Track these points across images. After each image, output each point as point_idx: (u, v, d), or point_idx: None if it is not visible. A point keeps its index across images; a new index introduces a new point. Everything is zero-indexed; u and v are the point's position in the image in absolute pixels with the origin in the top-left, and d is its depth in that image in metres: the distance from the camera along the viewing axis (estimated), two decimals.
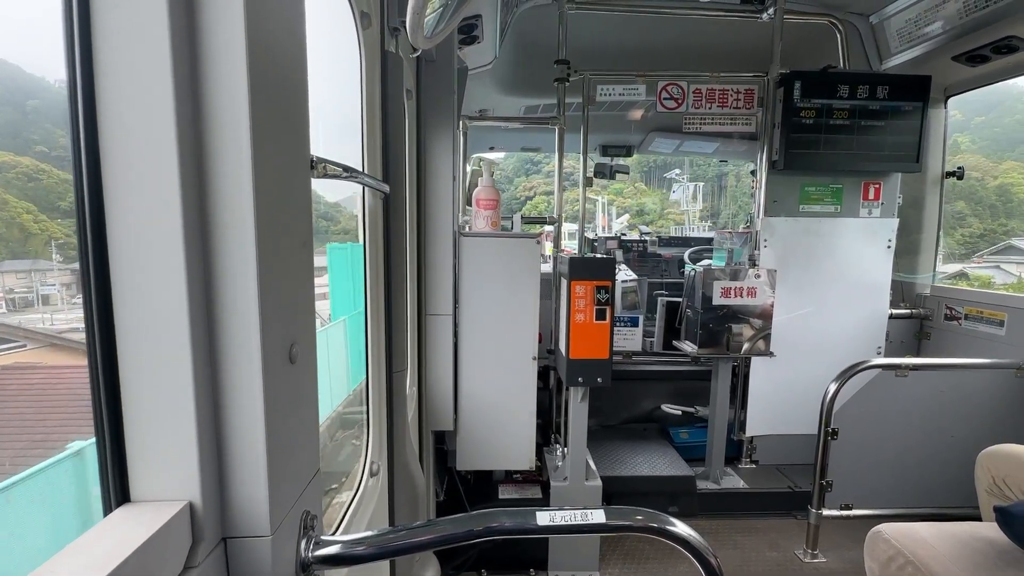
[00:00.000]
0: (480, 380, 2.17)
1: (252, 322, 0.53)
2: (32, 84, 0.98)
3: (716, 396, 2.77)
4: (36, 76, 0.91)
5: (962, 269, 17.83)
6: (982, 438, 1.92)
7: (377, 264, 1.35)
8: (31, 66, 0.87)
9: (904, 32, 2.66)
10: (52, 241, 1.35)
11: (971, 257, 22.03)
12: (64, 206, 1.16)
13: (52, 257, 1.47)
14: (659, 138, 3.59)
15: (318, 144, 0.75)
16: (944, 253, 3.05)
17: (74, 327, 1.55)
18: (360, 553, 0.64)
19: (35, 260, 1.59)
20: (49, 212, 1.26)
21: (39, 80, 0.90)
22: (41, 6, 0.49)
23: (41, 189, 1.20)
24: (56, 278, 1.57)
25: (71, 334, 1.34)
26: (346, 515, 1.16)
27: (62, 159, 0.84)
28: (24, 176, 1.19)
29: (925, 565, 1.44)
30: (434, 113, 1.95)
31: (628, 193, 30.56)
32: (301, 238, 0.65)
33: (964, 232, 24.29)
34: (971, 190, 25.28)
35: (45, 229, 1.30)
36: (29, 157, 1.08)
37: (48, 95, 0.87)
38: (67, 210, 1.11)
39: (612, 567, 2.30)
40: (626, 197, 30.50)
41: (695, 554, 0.66)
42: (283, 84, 0.59)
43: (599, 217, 15.23)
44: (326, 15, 1.22)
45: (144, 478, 0.52)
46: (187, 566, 0.52)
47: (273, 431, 0.56)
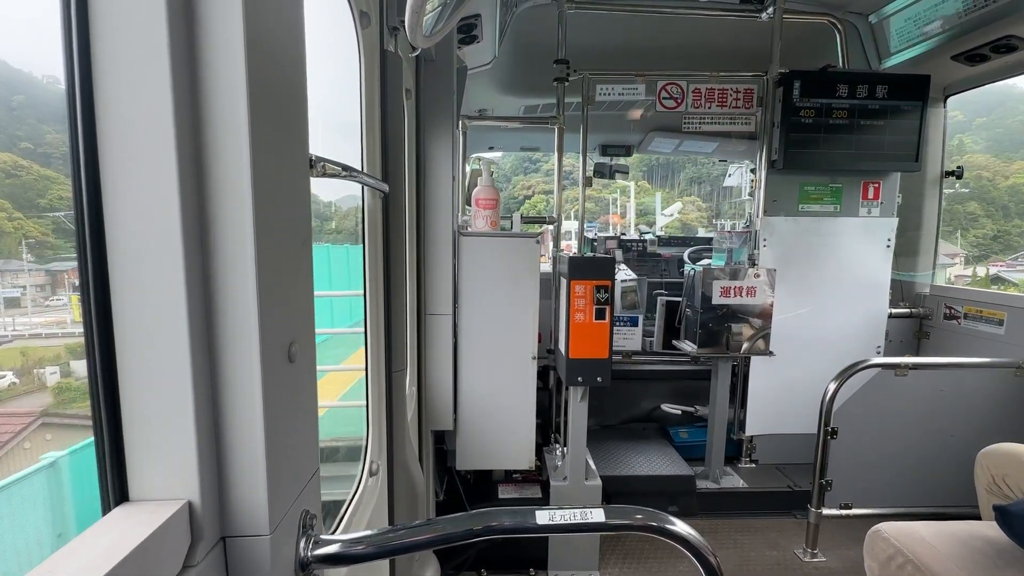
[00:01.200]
0: (480, 380, 2.17)
1: (251, 321, 0.53)
2: (18, 79, 0.95)
3: (716, 395, 2.77)
4: (23, 71, 0.89)
5: (996, 273, 17.48)
6: (981, 437, 1.92)
7: (376, 264, 1.35)
8: (17, 61, 0.85)
9: (903, 31, 2.66)
10: (24, 240, 1.31)
11: (986, 259, 21.89)
12: (44, 203, 1.14)
13: (23, 257, 1.42)
14: (658, 138, 3.59)
15: (317, 143, 0.75)
16: (964, 255, 3.06)
17: (38, 332, 1.52)
18: (359, 552, 0.64)
19: (7, 260, 1.52)
20: (26, 210, 1.23)
21: (26, 75, 0.88)
22: (40, 5, 0.49)
23: (19, 186, 1.18)
24: (28, 279, 1.51)
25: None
26: (345, 514, 1.16)
27: (47, 156, 0.83)
28: (1, 172, 1.16)
29: (925, 564, 1.44)
30: (433, 113, 1.95)
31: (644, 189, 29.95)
32: (300, 237, 0.65)
33: (977, 234, 24.19)
34: (983, 190, 25.20)
35: (20, 227, 1.27)
36: (10, 153, 1.07)
37: (34, 90, 0.85)
38: (46, 207, 1.10)
39: (612, 566, 2.30)
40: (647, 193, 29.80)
41: (695, 553, 0.66)
42: (282, 83, 0.59)
43: (616, 214, 14.98)
44: (325, 14, 1.21)
45: (143, 477, 0.52)
46: (186, 565, 0.52)
47: (272, 430, 0.56)
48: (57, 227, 1.76)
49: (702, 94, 2.68)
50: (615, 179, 3.78)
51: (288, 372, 0.61)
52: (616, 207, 25.88)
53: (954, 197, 24.09)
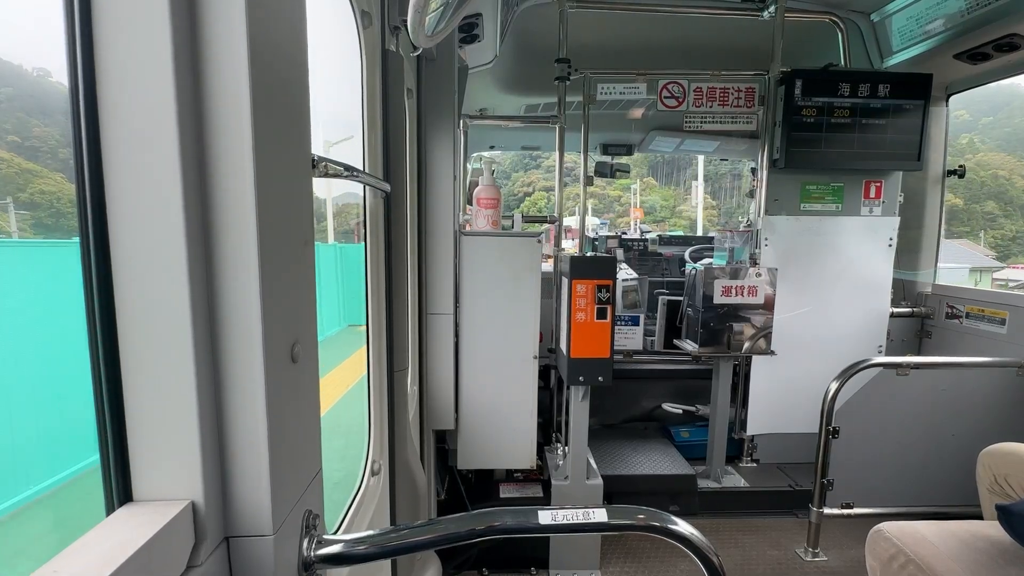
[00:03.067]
0: (481, 379, 2.17)
1: (254, 321, 0.53)
2: (8, 72, 0.94)
3: (717, 395, 2.77)
4: (12, 64, 0.89)
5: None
6: (983, 436, 1.92)
7: (378, 263, 1.35)
8: (6, 53, 0.85)
9: (905, 30, 2.66)
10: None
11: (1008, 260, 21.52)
12: (24, 198, 1.13)
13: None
14: (660, 137, 3.58)
15: (318, 143, 0.75)
16: (993, 257, 3.06)
17: None
18: (362, 552, 0.64)
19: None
20: (3, 203, 1.22)
21: (15, 67, 0.88)
22: (44, 5, 0.49)
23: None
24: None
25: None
26: (347, 514, 1.17)
27: (35, 149, 0.83)
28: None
29: (926, 563, 1.44)
30: (435, 112, 1.95)
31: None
32: (303, 237, 0.65)
33: (996, 234, 23.94)
34: (1000, 189, 24.97)
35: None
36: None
37: (23, 84, 0.85)
38: (26, 201, 1.09)
39: (613, 566, 2.30)
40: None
41: (697, 552, 0.66)
42: (285, 83, 0.59)
43: (639, 207, 14.90)
44: (327, 14, 1.21)
45: (146, 477, 0.52)
46: (190, 565, 0.52)
47: (275, 431, 0.56)
48: (37, 223, 1.70)
49: (703, 93, 2.68)
50: (616, 178, 3.78)
51: (291, 372, 0.61)
52: (620, 204, 25.74)
53: (972, 197, 23.74)
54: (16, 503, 2.71)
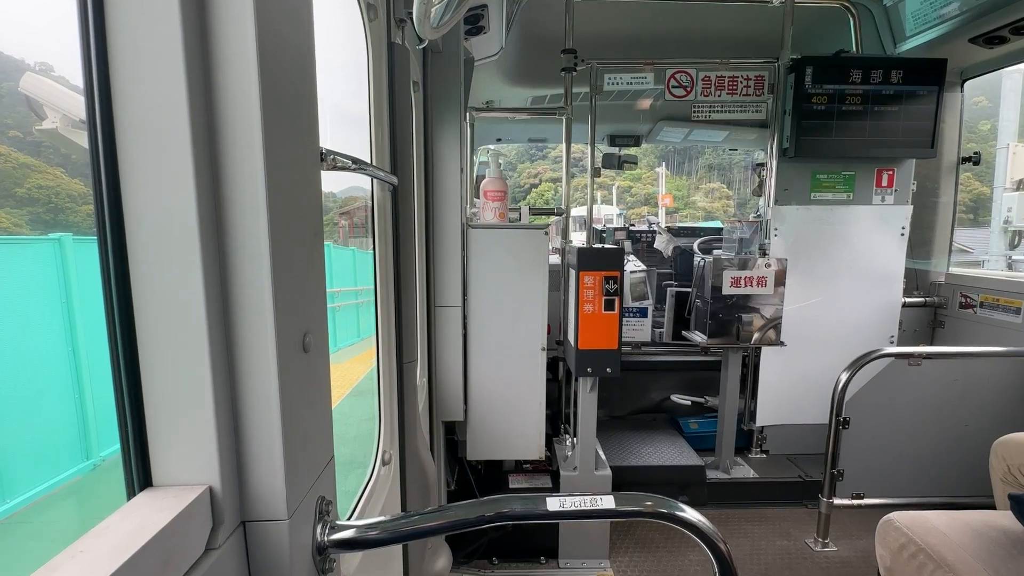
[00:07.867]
0: (489, 371, 2.18)
1: (267, 312, 0.54)
2: (10, 66, 0.94)
3: (726, 386, 2.76)
4: (14, 58, 0.89)
5: None
6: (997, 427, 1.90)
7: (386, 256, 1.36)
8: (9, 47, 0.85)
9: (919, 14, 2.60)
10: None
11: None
12: (21, 193, 1.13)
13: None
14: (668, 127, 3.55)
15: (326, 136, 0.76)
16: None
17: None
18: (374, 537, 0.65)
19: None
20: (1, 199, 1.22)
21: (17, 62, 0.88)
22: (59, 8, 0.50)
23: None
24: None
25: None
26: (359, 503, 1.19)
27: (37, 144, 0.84)
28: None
29: (937, 553, 1.44)
30: (441, 105, 1.95)
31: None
32: (312, 229, 0.66)
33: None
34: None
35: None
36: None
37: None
38: (23, 197, 1.09)
39: (622, 555, 2.32)
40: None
41: (704, 540, 0.67)
42: (293, 77, 0.60)
43: (668, 194, 14.24)
44: (333, 8, 1.22)
45: (165, 463, 0.54)
46: (208, 548, 0.53)
47: (288, 418, 0.58)
48: (33, 218, 1.68)
49: (712, 82, 2.64)
50: (624, 169, 3.76)
51: (303, 361, 0.62)
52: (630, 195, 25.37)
53: None
54: (47, 488, 2.80)
